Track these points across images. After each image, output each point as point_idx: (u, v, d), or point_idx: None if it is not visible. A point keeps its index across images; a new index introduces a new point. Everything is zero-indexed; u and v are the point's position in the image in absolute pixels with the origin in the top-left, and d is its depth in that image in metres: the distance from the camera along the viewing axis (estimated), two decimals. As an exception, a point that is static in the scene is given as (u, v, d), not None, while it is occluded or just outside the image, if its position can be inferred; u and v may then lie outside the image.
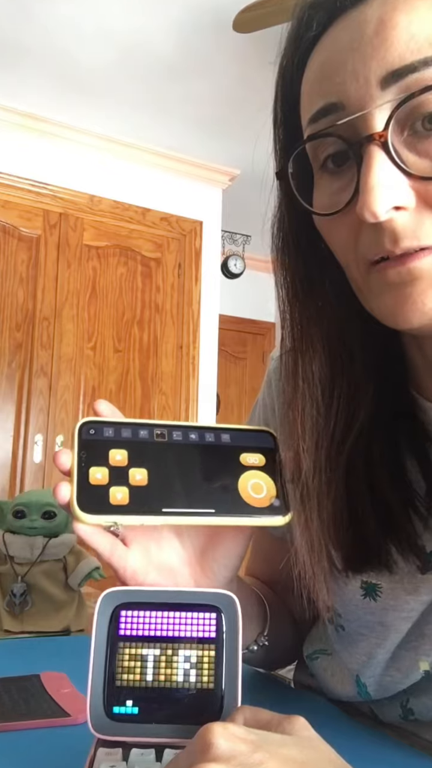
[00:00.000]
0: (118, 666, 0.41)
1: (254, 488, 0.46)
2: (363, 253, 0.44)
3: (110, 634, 0.42)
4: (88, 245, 3.28)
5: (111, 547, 0.47)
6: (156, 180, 3.48)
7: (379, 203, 0.40)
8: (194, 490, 0.46)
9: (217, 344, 3.59)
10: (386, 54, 0.40)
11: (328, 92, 0.43)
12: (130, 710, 0.40)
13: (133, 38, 2.64)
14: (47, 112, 3.13)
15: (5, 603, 1.01)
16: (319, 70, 0.44)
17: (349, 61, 0.41)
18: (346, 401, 0.51)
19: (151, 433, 0.47)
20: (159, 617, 0.42)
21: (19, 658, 0.83)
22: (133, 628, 0.42)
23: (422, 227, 0.41)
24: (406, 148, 0.41)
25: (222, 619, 0.42)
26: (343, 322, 0.51)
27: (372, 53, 0.40)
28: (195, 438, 0.48)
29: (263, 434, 0.50)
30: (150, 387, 3.35)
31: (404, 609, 0.52)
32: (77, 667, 0.70)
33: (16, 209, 3.13)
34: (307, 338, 0.51)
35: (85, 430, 0.46)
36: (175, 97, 3.02)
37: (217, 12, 2.46)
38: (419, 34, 0.39)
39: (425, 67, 0.39)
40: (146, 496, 0.45)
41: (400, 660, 0.53)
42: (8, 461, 2.99)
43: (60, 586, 1.03)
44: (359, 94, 0.41)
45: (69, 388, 3.15)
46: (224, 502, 0.45)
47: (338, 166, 0.44)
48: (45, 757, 0.49)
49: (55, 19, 2.54)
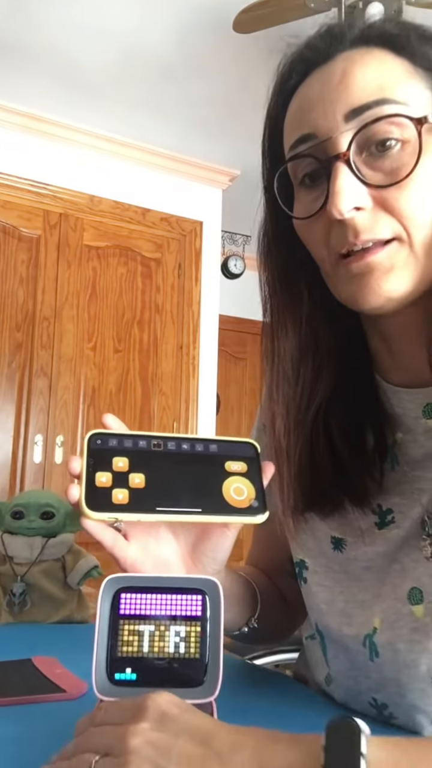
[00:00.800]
0: (119, 640, 0.49)
1: (236, 491, 0.54)
2: (333, 248, 0.56)
3: (112, 613, 0.50)
4: (88, 245, 3.28)
5: (113, 540, 0.56)
6: (156, 180, 3.48)
7: (343, 203, 0.52)
8: (184, 492, 0.53)
9: (217, 344, 3.59)
10: (348, 96, 0.54)
11: (304, 125, 0.56)
12: (130, 676, 0.49)
13: (133, 38, 2.64)
14: (47, 112, 3.13)
15: (5, 603, 1.01)
16: (297, 110, 0.58)
17: (320, 103, 0.55)
18: (310, 378, 0.64)
19: (149, 443, 0.55)
20: (154, 599, 0.50)
21: (9, 645, 0.87)
22: (132, 608, 0.50)
23: (377, 224, 0.54)
24: (364, 165, 0.54)
25: (207, 600, 0.50)
26: (312, 313, 0.64)
27: (338, 96, 0.54)
28: (187, 448, 0.56)
29: (247, 445, 0.58)
30: (150, 387, 3.35)
31: (364, 559, 0.62)
32: (66, 652, 0.77)
33: (16, 209, 3.13)
34: (282, 324, 0.64)
35: (93, 440, 0.54)
36: (176, 97, 3.02)
37: (218, 12, 2.46)
38: (371, 82, 0.54)
39: (377, 106, 0.53)
40: (143, 497, 0.52)
41: (354, 616, 0.61)
42: (8, 461, 2.99)
43: (59, 585, 1.04)
44: (328, 126, 0.55)
45: (69, 388, 3.15)
46: (209, 503, 0.53)
47: (313, 182, 0.57)
48: (46, 728, 0.56)
49: (55, 20, 2.54)
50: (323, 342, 0.64)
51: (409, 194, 0.53)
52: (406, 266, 0.54)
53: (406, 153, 0.53)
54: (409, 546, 0.60)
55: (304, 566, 0.68)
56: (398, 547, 0.60)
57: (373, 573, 0.62)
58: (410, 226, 0.53)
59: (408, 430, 0.62)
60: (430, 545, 0.58)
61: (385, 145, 0.53)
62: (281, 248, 0.64)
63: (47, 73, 2.86)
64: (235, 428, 4.63)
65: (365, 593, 0.62)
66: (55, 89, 2.97)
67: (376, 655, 0.59)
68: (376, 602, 0.60)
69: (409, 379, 0.63)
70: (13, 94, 3.00)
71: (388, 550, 0.61)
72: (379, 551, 0.62)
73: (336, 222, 0.54)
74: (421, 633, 0.56)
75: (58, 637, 0.93)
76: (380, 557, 0.61)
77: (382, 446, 0.63)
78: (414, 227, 0.53)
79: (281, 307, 0.65)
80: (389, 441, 0.64)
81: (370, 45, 0.57)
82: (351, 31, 0.58)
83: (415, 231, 0.54)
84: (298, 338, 0.64)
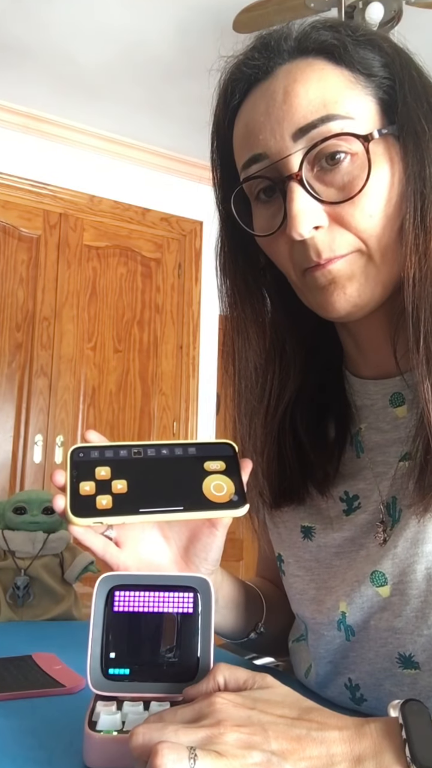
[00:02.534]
0: (112, 636, 0.50)
1: (216, 488, 0.55)
2: (297, 263, 0.59)
3: (106, 610, 0.51)
4: (88, 245, 3.29)
5: (104, 547, 0.57)
6: (156, 180, 3.49)
7: (302, 226, 0.55)
8: (166, 493, 0.55)
9: (217, 344, 3.59)
10: (293, 116, 0.55)
11: (254, 146, 0.58)
12: (123, 671, 0.50)
13: (133, 38, 2.64)
14: (47, 112, 3.14)
15: (7, 596, 1.03)
16: (245, 129, 0.59)
17: (266, 123, 0.57)
18: (277, 385, 0.67)
19: (129, 451, 0.57)
20: (147, 596, 0.51)
21: (10, 642, 0.89)
22: (126, 605, 0.51)
23: (335, 241, 0.56)
24: (317, 181, 0.56)
25: (198, 598, 0.51)
26: (275, 317, 0.67)
27: (283, 116, 0.56)
28: (166, 453, 0.58)
29: (225, 445, 0.59)
30: (150, 387, 3.35)
31: (333, 545, 0.65)
32: (64, 648, 0.79)
33: (16, 209, 3.14)
34: (244, 336, 0.66)
35: (75, 453, 0.56)
36: (176, 97, 3.02)
37: (217, 12, 2.46)
38: (315, 99, 0.55)
39: (322, 123, 0.55)
40: (126, 501, 0.54)
41: (324, 602, 0.64)
42: (8, 461, 2.99)
43: (57, 580, 1.06)
44: (278, 147, 0.56)
45: (69, 388, 3.15)
46: (191, 501, 0.54)
47: (269, 197, 0.59)
48: (48, 720, 0.57)
49: (55, 20, 2.54)
50: (290, 343, 0.67)
51: (362, 209, 0.55)
52: (366, 273, 0.57)
53: (356, 166, 0.55)
54: (372, 530, 0.62)
55: (282, 559, 0.70)
56: (363, 531, 0.63)
57: (342, 558, 0.64)
58: (366, 238, 0.56)
59: (374, 419, 0.66)
60: (382, 531, 0.61)
61: (335, 158, 0.55)
62: (238, 259, 0.67)
63: (47, 73, 2.86)
64: (235, 428, 4.63)
65: (334, 579, 0.64)
66: (55, 89, 2.98)
67: (353, 633, 0.61)
68: (341, 586, 0.62)
69: (376, 372, 0.66)
70: (13, 94, 3.01)
71: (354, 535, 0.64)
72: (347, 536, 0.64)
73: (297, 241, 0.57)
74: (389, 612, 0.58)
75: (56, 634, 0.95)
76: (348, 542, 0.64)
77: (342, 438, 0.67)
78: (370, 239, 0.56)
79: (243, 318, 0.67)
80: (353, 431, 0.67)
81: (308, 56, 0.57)
82: (287, 42, 0.58)
83: (371, 242, 0.56)
84: (264, 344, 0.67)
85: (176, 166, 3.51)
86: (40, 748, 0.50)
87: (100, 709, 0.48)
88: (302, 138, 0.55)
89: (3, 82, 2.92)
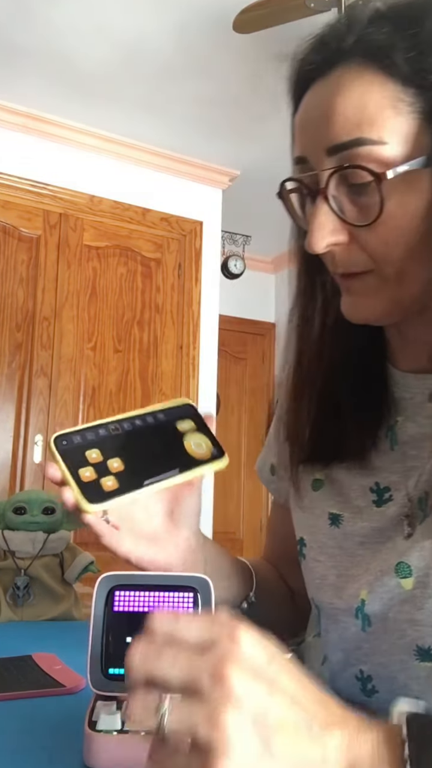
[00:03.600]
0: (112, 636, 0.50)
1: (196, 446, 0.58)
2: None
3: (107, 610, 0.51)
4: (88, 245, 3.29)
5: (109, 532, 0.58)
6: (156, 180, 3.49)
7: (316, 242, 0.57)
8: (157, 461, 0.57)
9: (217, 344, 3.60)
10: (329, 133, 0.56)
11: (300, 146, 0.60)
12: (123, 671, 0.46)
13: (133, 38, 2.64)
14: (47, 112, 3.14)
15: (7, 596, 1.03)
16: (299, 124, 0.60)
17: (309, 128, 0.58)
18: (328, 363, 0.69)
19: (107, 429, 0.58)
20: (147, 596, 0.52)
21: (10, 643, 0.89)
22: (126, 605, 0.52)
23: (350, 259, 0.58)
24: (346, 198, 0.57)
25: (198, 597, 0.52)
26: (333, 311, 0.68)
27: (320, 129, 0.57)
28: (140, 423, 0.59)
29: (185, 406, 0.62)
30: (150, 387, 3.35)
31: (359, 534, 0.66)
32: (64, 648, 0.79)
33: (16, 209, 3.14)
34: (308, 321, 0.69)
35: (59, 443, 0.55)
36: (175, 97, 3.02)
37: (218, 12, 2.46)
38: (351, 117, 0.55)
39: (352, 147, 0.55)
40: (128, 477, 0.54)
41: (344, 589, 0.64)
42: (8, 461, 2.99)
43: (57, 580, 1.06)
44: (315, 157, 0.58)
45: (69, 388, 3.15)
46: (183, 462, 0.57)
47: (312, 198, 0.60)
48: (48, 720, 0.58)
49: (55, 19, 2.54)
50: (342, 333, 0.69)
51: (378, 235, 0.56)
52: (379, 292, 0.59)
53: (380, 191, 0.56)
54: (401, 522, 0.63)
55: (303, 543, 0.72)
56: (392, 524, 0.64)
57: (366, 548, 0.65)
58: (381, 261, 0.57)
59: (412, 413, 0.67)
60: (407, 525, 0.62)
61: (360, 184, 0.56)
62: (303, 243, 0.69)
63: (47, 72, 2.86)
64: (235, 428, 4.64)
65: (357, 568, 0.64)
66: (55, 89, 2.98)
67: (369, 624, 0.62)
68: (364, 575, 0.63)
69: (417, 366, 0.67)
70: (13, 94, 3.01)
71: (382, 526, 0.65)
72: (375, 527, 0.65)
73: None
74: (410, 604, 0.58)
75: (56, 634, 0.96)
76: (375, 532, 0.65)
77: (380, 420, 0.69)
78: (385, 263, 0.57)
79: (306, 289, 0.70)
80: (390, 422, 0.68)
81: (361, 61, 0.55)
82: (348, 38, 0.56)
83: (386, 267, 0.57)
84: (319, 333, 0.70)
85: (176, 166, 3.51)
86: (40, 748, 0.50)
87: (100, 709, 0.48)
88: (333, 156, 0.56)
89: (3, 82, 2.92)
